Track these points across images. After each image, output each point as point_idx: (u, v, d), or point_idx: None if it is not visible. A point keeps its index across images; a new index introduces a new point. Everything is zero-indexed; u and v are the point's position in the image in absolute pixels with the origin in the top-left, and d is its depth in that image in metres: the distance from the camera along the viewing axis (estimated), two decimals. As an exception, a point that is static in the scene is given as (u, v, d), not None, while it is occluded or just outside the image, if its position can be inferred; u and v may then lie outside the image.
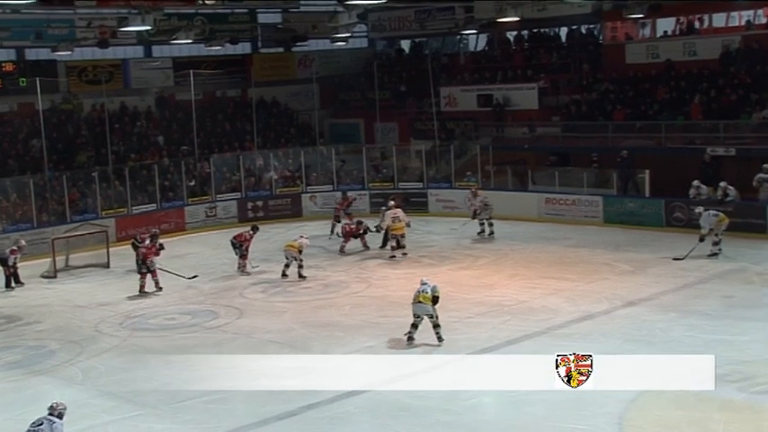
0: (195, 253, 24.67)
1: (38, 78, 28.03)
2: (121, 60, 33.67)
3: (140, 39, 32.56)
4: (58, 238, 23.71)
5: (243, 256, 22.00)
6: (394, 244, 23.10)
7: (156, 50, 34.75)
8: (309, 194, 29.96)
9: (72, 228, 24.69)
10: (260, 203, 29.54)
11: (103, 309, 19.34)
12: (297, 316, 17.84)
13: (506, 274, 20.56)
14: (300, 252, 21.00)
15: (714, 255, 20.75)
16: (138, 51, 34.55)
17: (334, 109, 37.45)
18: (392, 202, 24.31)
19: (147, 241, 20.89)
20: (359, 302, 18.70)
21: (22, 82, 30.12)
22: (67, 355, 16.15)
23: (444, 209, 28.65)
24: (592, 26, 33.85)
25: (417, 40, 39.25)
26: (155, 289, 20.30)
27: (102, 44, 30.15)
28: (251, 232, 22.38)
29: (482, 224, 24.87)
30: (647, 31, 31.63)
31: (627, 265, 20.81)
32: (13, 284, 21.65)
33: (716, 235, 20.86)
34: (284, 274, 21.14)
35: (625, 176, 26.07)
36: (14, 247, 21.91)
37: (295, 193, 30.04)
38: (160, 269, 20.55)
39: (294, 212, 29.66)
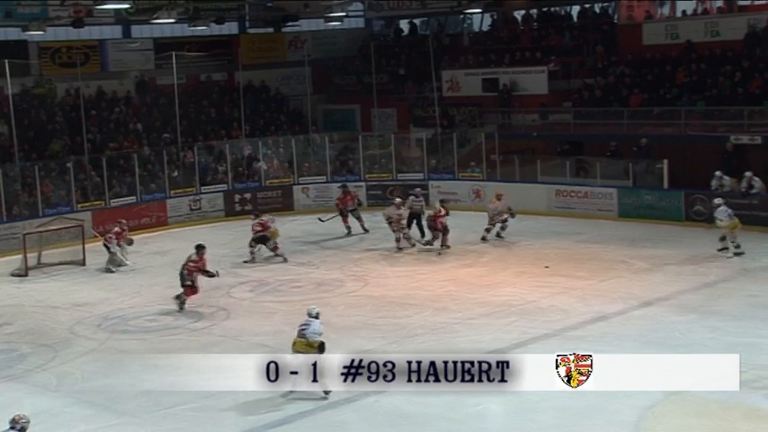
0: (179, 249, 24.50)
1: (7, 60, 27.95)
2: (98, 41, 33.57)
3: (118, 18, 32.48)
4: (30, 233, 23.70)
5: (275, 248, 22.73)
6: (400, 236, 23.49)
7: (136, 31, 34.68)
8: (301, 186, 30.00)
9: (45, 222, 24.71)
10: (248, 196, 29.57)
11: (79, 309, 19.33)
12: (287, 317, 17.75)
13: (513, 272, 20.58)
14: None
15: (736, 255, 20.70)
16: (116, 32, 34.47)
17: (327, 94, 37.39)
18: (398, 199, 24.67)
19: (193, 254, 19.24)
20: (354, 302, 18.71)
21: (-10, 64, 30.10)
22: (40, 359, 16.14)
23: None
24: (606, 4, 33.84)
25: (417, 19, 39.24)
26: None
27: (78, 24, 30.05)
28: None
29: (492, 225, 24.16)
30: (665, 10, 31.67)
31: (643, 262, 20.83)
32: None
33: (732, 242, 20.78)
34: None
35: (642, 166, 26.12)
36: None
37: (286, 185, 30.08)
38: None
39: (285, 205, 29.67)
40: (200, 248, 19.22)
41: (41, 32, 30.13)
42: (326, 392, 13.20)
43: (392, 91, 35.31)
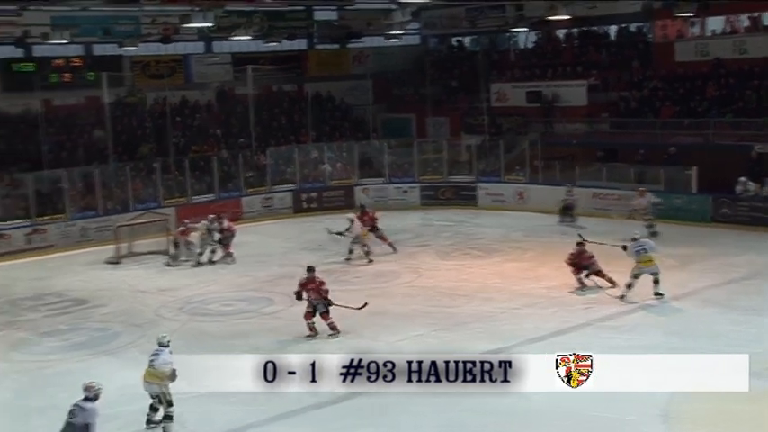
0: (252, 242, 24.85)
1: (104, 73, 28.60)
2: (183, 56, 34.12)
3: (201, 35, 32.95)
4: (122, 226, 24.15)
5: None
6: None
7: (217, 46, 35.13)
8: (362, 187, 30.09)
9: (135, 216, 25.14)
10: (314, 195, 29.76)
11: (164, 294, 19.67)
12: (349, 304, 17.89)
13: (553, 266, 20.32)
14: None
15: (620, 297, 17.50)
16: (199, 47, 34.96)
17: (387, 104, 37.44)
18: (351, 214, 22.92)
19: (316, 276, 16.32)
20: (409, 292, 18.73)
21: (90, 76, 30.72)
22: (130, 337, 16.48)
23: (493, 202, 28.64)
24: (641, 24, 33.41)
25: (468, 37, 39.14)
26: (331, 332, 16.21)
27: (166, 40, 30.53)
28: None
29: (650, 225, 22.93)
30: (696, 30, 31.16)
31: (672, 259, 20.45)
32: None
33: (635, 276, 17.27)
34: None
35: (672, 172, 25.79)
36: None
37: (348, 186, 30.18)
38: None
39: (347, 204, 29.68)
40: (309, 270, 16.18)
41: (134, 48, 30.69)
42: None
43: (445, 101, 35.31)
